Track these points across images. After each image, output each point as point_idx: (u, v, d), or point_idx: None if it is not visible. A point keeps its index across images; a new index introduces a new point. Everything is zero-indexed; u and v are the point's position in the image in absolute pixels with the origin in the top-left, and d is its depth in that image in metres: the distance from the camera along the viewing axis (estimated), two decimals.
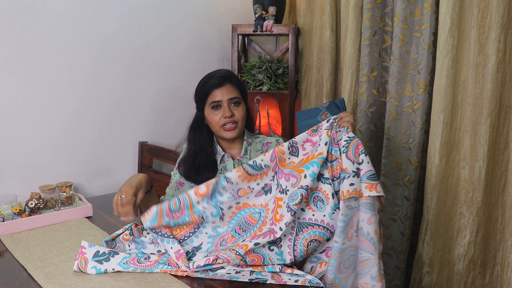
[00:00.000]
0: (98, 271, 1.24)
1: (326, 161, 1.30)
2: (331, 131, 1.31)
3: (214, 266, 1.25)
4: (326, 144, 1.29)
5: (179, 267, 1.26)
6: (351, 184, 1.23)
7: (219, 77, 1.48)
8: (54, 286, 1.19)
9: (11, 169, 1.80)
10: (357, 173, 1.25)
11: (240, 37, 2.36)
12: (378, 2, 1.89)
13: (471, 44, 1.64)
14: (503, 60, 1.58)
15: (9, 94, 1.77)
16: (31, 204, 1.63)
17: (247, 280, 1.21)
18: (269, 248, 1.27)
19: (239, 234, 1.32)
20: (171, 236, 1.30)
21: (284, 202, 1.29)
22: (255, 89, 2.30)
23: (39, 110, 1.85)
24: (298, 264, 1.36)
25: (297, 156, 1.34)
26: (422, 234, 1.78)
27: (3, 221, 1.57)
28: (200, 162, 1.50)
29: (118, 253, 1.29)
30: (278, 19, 2.28)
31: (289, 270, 1.24)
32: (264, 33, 2.24)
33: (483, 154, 1.65)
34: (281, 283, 1.20)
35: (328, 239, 1.32)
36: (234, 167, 1.52)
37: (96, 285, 1.18)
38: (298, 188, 1.27)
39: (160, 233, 1.31)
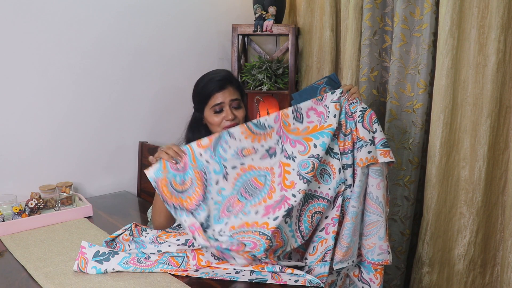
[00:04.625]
0: (98, 271, 1.24)
1: (340, 134, 1.36)
2: (339, 105, 1.36)
3: (231, 253, 1.23)
4: (335, 116, 1.34)
5: (194, 246, 1.27)
6: (369, 152, 1.33)
7: (219, 80, 1.48)
8: (54, 286, 1.19)
9: (11, 169, 1.80)
10: (372, 141, 1.34)
11: (240, 37, 2.36)
12: (378, 2, 1.89)
13: (471, 44, 1.64)
14: (503, 60, 1.58)
15: (9, 94, 1.77)
16: (31, 204, 1.63)
17: (247, 280, 1.21)
18: (284, 221, 1.28)
19: (245, 198, 1.33)
20: (184, 209, 1.28)
21: (293, 169, 1.32)
22: (255, 89, 2.30)
23: (39, 110, 1.85)
24: (303, 244, 1.38)
25: (302, 122, 1.38)
26: (422, 234, 1.78)
27: (3, 221, 1.57)
28: None
29: (118, 253, 1.29)
30: (278, 19, 2.28)
31: (289, 270, 1.24)
32: (264, 33, 2.24)
33: (483, 154, 1.65)
34: (281, 283, 1.20)
35: (326, 216, 1.37)
36: None
37: (96, 285, 1.18)
38: (308, 157, 1.30)
39: (172, 206, 1.28)
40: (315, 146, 1.32)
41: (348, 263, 1.38)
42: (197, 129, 1.55)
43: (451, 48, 1.63)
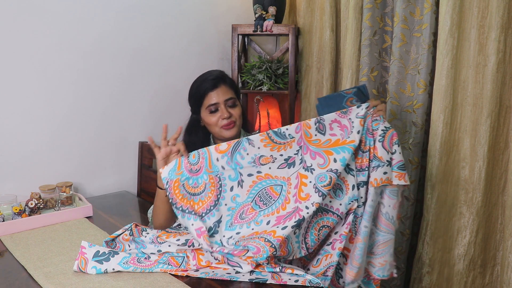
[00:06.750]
0: (98, 271, 1.24)
1: (358, 151, 1.34)
2: (364, 120, 1.33)
3: (234, 258, 1.23)
4: (358, 132, 1.32)
5: (194, 246, 1.26)
6: (384, 173, 1.31)
7: (212, 79, 1.49)
8: (54, 286, 1.19)
9: (11, 169, 1.80)
10: (390, 163, 1.32)
11: (240, 37, 2.36)
12: (378, 2, 1.89)
13: (471, 44, 1.64)
14: (503, 60, 1.58)
15: (9, 94, 1.77)
16: (31, 204, 1.63)
17: (247, 280, 1.21)
18: (293, 232, 1.26)
19: (259, 207, 1.32)
20: (193, 212, 1.29)
21: (310, 182, 1.30)
22: (255, 89, 2.30)
23: (39, 110, 1.85)
24: (308, 255, 1.37)
25: (324, 134, 1.36)
26: (422, 234, 1.78)
27: (3, 221, 1.57)
28: None
29: (118, 253, 1.29)
30: (278, 19, 2.28)
31: (289, 270, 1.24)
32: (264, 33, 2.24)
33: (483, 154, 1.65)
34: (281, 283, 1.20)
35: (336, 232, 1.36)
36: None
37: (96, 285, 1.18)
38: (327, 170, 1.29)
39: (181, 209, 1.29)
40: (335, 160, 1.30)
41: (358, 283, 1.38)
42: (195, 131, 1.55)
43: (451, 48, 1.63)
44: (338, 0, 2.14)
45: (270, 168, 1.35)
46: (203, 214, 1.30)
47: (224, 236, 1.29)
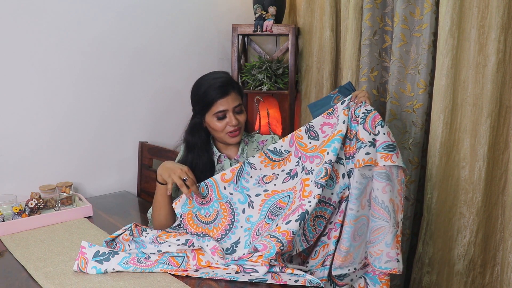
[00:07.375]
0: (98, 271, 1.24)
1: (346, 139, 1.35)
2: (348, 111, 1.36)
3: (247, 263, 1.24)
4: (344, 122, 1.34)
5: (194, 246, 1.29)
6: (367, 154, 1.29)
7: (221, 86, 1.47)
8: (54, 286, 1.19)
9: (11, 169, 1.80)
10: (373, 144, 1.31)
11: (240, 37, 2.36)
12: (378, 2, 1.89)
13: (471, 44, 1.64)
14: (503, 60, 1.58)
15: (9, 94, 1.77)
16: (31, 204, 1.63)
17: (247, 280, 1.21)
18: (299, 225, 1.27)
19: (272, 220, 1.36)
20: (207, 236, 1.35)
21: (311, 181, 1.33)
22: (255, 89, 2.30)
23: (39, 110, 1.85)
24: (306, 248, 1.38)
25: (318, 139, 1.40)
26: (422, 234, 1.78)
27: (3, 221, 1.57)
28: (198, 165, 1.51)
29: (118, 253, 1.29)
30: (278, 19, 2.28)
31: (289, 270, 1.24)
32: (264, 33, 2.24)
33: (483, 154, 1.65)
34: (281, 283, 1.20)
35: (330, 222, 1.37)
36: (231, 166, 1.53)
37: (96, 285, 1.18)
38: (322, 164, 1.31)
39: (196, 234, 1.36)
40: (327, 153, 1.32)
41: (349, 270, 1.32)
42: (197, 132, 1.55)
43: (451, 48, 1.63)
44: (338, 0, 2.14)
45: (275, 184, 1.40)
46: (219, 239, 1.37)
47: (244, 254, 1.31)
